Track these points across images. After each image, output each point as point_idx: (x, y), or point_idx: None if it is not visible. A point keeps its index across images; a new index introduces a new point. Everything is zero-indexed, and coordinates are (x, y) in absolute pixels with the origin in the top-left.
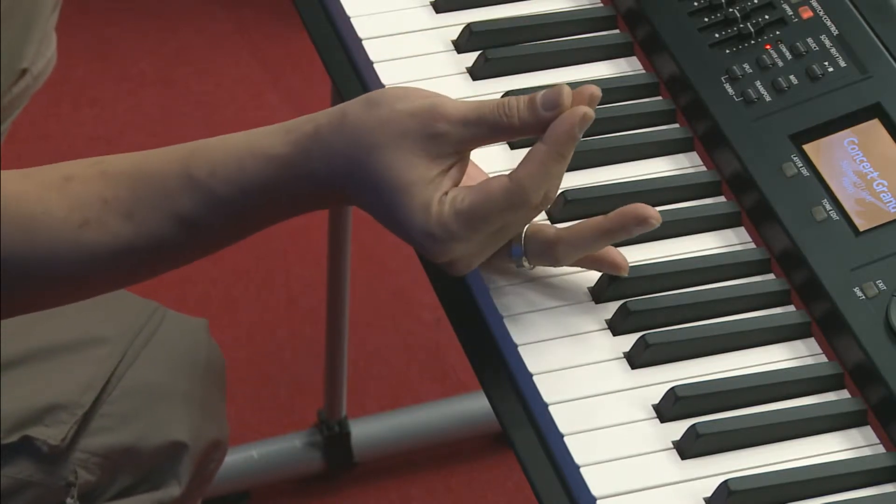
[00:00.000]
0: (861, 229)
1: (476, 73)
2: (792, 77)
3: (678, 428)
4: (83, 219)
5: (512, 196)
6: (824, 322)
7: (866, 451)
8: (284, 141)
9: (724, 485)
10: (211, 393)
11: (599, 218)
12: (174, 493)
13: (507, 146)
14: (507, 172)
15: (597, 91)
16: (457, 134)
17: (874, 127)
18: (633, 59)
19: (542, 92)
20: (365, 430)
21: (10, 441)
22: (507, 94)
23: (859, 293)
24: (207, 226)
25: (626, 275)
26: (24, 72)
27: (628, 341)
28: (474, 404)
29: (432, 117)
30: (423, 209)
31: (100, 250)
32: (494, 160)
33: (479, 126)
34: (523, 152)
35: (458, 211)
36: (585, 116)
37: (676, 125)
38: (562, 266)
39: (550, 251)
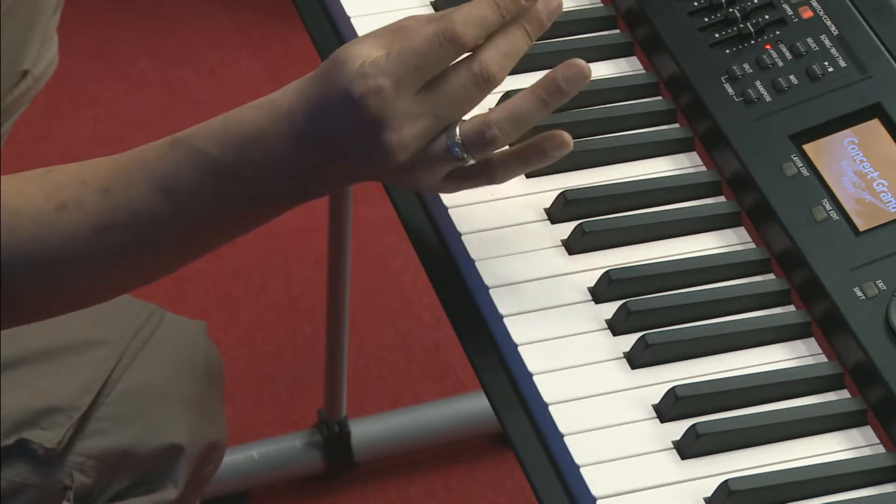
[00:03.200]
0: (861, 229)
1: None
2: (792, 77)
3: (678, 428)
4: (61, 201)
5: (441, 27)
6: (824, 322)
7: (866, 451)
8: (270, 93)
9: (724, 485)
10: (208, 395)
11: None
12: (171, 496)
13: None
14: None
15: (556, 3)
16: (419, 26)
17: (874, 127)
18: (633, 59)
19: None
20: (365, 430)
21: (6, 444)
22: (507, 94)
23: (859, 293)
24: (185, 189)
25: (570, 148)
26: (25, 73)
27: (628, 341)
28: (474, 404)
29: (404, 18)
30: (361, 60)
31: (77, 230)
32: None
33: (441, 20)
34: None
35: (390, 50)
36: None
37: (676, 125)
38: (504, 146)
39: (488, 130)
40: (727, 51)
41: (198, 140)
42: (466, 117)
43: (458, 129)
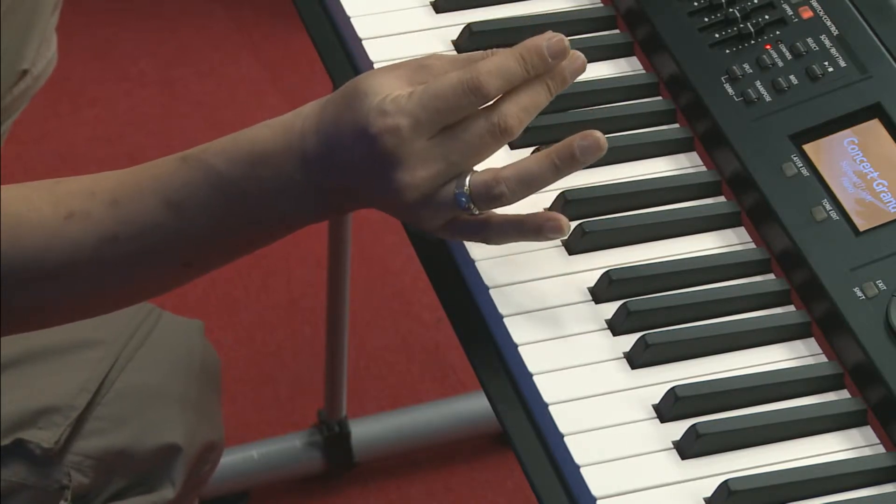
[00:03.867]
0: (861, 229)
1: None
2: (792, 77)
3: (678, 428)
4: (68, 211)
5: (467, 76)
6: (824, 322)
7: (866, 451)
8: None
9: (724, 485)
10: (206, 395)
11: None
12: (168, 496)
13: (507, 147)
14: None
15: (581, 61)
16: (441, 68)
17: (874, 127)
18: (633, 59)
19: None
20: (365, 430)
21: (3, 444)
22: None
23: (859, 293)
24: (193, 203)
25: (565, 235)
26: (24, 73)
27: (628, 341)
28: (474, 404)
29: (427, 55)
30: (383, 97)
31: (83, 240)
32: (496, 162)
33: (465, 62)
34: (525, 152)
35: (413, 90)
36: (558, 40)
37: (676, 125)
38: (510, 204)
39: (496, 186)
40: (727, 51)
41: (208, 156)
42: (479, 167)
43: (467, 180)
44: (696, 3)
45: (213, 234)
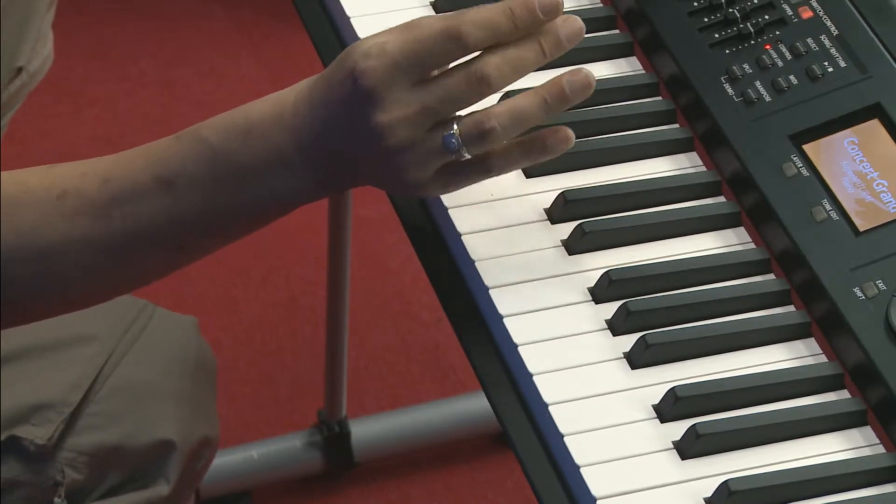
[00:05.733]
0: (861, 229)
1: None
2: (792, 77)
3: (678, 428)
4: (62, 190)
5: (449, 23)
6: (824, 322)
7: (866, 451)
8: (270, 92)
9: (724, 485)
10: (200, 391)
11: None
12: (163, 492)
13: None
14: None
15: (577, 25)
16: (430, 22)
17: (874, 127)
18: (633, 59)
19: None
20: (365, 430)
21: None
22: (506, 94)
23: (859, 293)
24: (184, 178)
25: (571, 144)
26: (19, 70)
27: (628, 341)
28: (474, 404)
29: (420, 17)
30: (369, 45)
31: (76, 218)
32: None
33: (452, 17)
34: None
35: (398, 36)
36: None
37: (676, 125)
38: (499, 143)
39: (487, 121)
40: (727, 51)
41: (202, 130)
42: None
43: (455, 123)
44: (696, 3)
45: (204, 211)
